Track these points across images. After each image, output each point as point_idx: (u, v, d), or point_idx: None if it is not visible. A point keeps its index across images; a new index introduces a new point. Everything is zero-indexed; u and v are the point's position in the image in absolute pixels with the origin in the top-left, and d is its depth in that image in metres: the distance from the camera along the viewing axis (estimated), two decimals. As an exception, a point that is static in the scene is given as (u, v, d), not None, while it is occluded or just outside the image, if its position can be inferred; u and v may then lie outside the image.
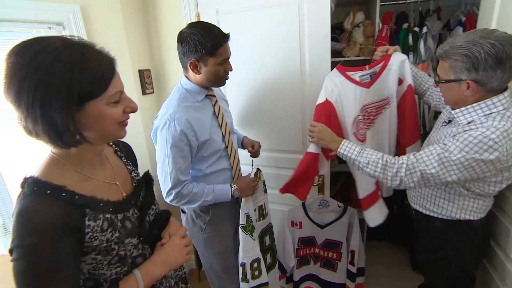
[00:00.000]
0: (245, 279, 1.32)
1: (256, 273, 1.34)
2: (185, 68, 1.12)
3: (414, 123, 1.32)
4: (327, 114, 1.25)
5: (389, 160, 0.98)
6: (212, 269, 1.34)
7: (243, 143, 1.46)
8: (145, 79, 1.67)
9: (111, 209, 0.61)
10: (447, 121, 1.05)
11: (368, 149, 1.04)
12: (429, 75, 1.60)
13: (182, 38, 1.05)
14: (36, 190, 0.53)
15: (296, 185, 1.31)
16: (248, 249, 1.29)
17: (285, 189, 1.31)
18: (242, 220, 1.26)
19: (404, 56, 1.26)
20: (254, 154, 1.42)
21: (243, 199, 1.26)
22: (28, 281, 0.50)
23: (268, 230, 1.48)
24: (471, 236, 1.05)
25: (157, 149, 1.10)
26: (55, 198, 0.54)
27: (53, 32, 1.36)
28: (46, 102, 0.50)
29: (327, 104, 1.25)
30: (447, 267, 1.11)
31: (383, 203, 1.42)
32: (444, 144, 0.90)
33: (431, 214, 1.09)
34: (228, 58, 1.11)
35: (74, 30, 1.37)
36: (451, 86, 0.93)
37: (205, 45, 1.01)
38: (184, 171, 1.10)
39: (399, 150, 1.39)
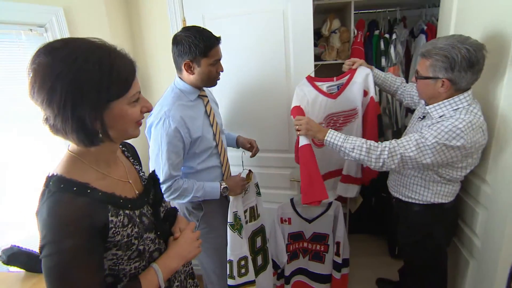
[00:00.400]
0: (231, 276, 1.35)
1: (243, 271, 1.37)
2: (179, 69, 1.17)
3: (374, 132, 1.44)
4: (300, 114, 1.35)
5: (373, 144, 1.09)
6: (209, 266, 1.36)
7: (239, 142, 1.50)
8: (131, 83, 1.66)
9: (129, 206, 0.63)
10: (421, 117, 1.19)
11: (352, 136, 1.14)
12: (399, 76, 1.78)
13: (177, 40, 1.11)
14: (63, 188, 0.55)
15: (311, 188, 1.29)
16: (235, 247, 1.32)
17: (306, 199, 1.28)
18: (230, 218, 1.30)
19: (368, 70, 1.40)
20: (255, 151, 1.47)
21: (231, 198, 1.29)
22: (59, 276, 0.51)
23: (260, 232, 1.50)
24: (444, 217, 1.19)
25: (151, 144, 1.14)
26: (81, 195, 0.55)
27: (34, 34, 1.31)
28: (77, 102, 0.52)
29: (299, 108, 1.35)
30: (424, 247, 1.25)
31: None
32: (421, 132, 1.04)
33: (410, 200, 1.22)
34: (220, 59, 1.18)
35: (58, 32, 1.33)
36: (428, 83, 1.06)
37: (199, 46, 1.08)
38: (176, 166, 1.14)
39: None
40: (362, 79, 1.40)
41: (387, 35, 1.83)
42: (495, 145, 1.05)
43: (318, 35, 2.04)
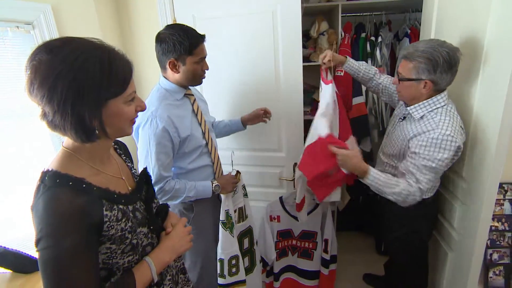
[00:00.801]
0: (222, 275, 1.35)
1: (234, 269, 1.37)
2: (163, 68, 1.16)
3: (347, 123, 1.50)
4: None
5: (404, 190, 1.08)
6: (192, 266, 1.35)
7: (246, 120, 1.50)
8: (120, 82, 1.65)
9: (123, 201, 0.65)
10: (402, 118, 1.24)
11: (386, 177, 1.10)
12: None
13: (161, 38, 1.09)
14: (59, 182, 0.56)
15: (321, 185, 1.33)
16: (226, 245, 1.32)
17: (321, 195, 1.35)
18: (222, 216, 1.30)
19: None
20: (269, 115, 1.49)
21: (223, 196, 1.30)
22: (55, 269, 0.52)
23: (247, 233, 1.50)
24: (425, 211, 1.25)
25: (139, 146, 1.12)
26: (76, 189, 0.56)
27: (21, 31, 1.29)
28: (77, 100, 0.54)
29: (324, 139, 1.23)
30: (407, 241, 1.31)
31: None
32: (418, 155, 1.06)
33: None
34: (205, 58, 1.17)
35: (46, 30, 1.32)
36: (411, 84, 1.10)
37: (184, 44, 1.06)
38: (167, 167, 1.13)
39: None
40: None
41: (373, 38, 1.90)
42: (470, 142, 1.12)
43: (307, 37, 2.09)
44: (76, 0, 1.41)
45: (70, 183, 0.56)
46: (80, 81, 0.53)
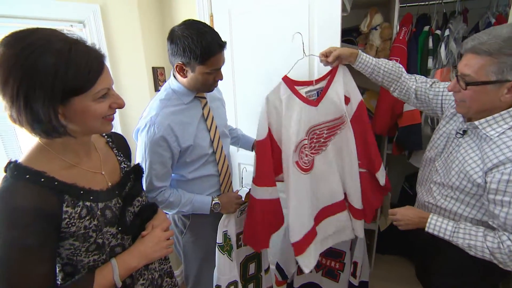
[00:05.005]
0: None
1: None
2: (173, 67, 1.06)
3: (375, 147, 1.18)
4: (269, 150, 1.11)
5: (490, 239, 0.83)
6: (192, 273, 1.29)
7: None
8: (158, 76, 1.73)
9: (91, 197, 0.63)
10: (461, 132, 0.94)
11: (463, 225, 0.88)
12: (450, 81, 1.50)
13: (172, 37, 0.96)
14: (16, 175, 0.56)
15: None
16: (224, 271, 1.20)
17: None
18: (219, 239, 1.17)
19: (343, 67, 1.11)
20: None
21: (224, 215, 1.18)
22: (3, 260, 0.53)
23: (254, 258, 1.37)
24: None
25: (137, 150, 1.05)
26: (33, 183, 0.56)
27: (74, 29, 1.45)
28: (29, 95, 0.53)
29: (267, 140, 1.09)
30: None
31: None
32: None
33: None
34: (220, 68, 1.02)
35: (94, 27, 1.45)
36: (486, 90, 0.79)
37: (195, 52, 0.92)
38: (162, 177, 1.04)
39: (363, 178, 1.22)
40: (342, 80, 1.11)
41: (438, 31, 1.56)
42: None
43: (357, 32, 1.86)
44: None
45: (27, 176, 0.56)
46: (31, 77, 0.52)
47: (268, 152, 1.11)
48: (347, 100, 1.13)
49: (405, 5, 1.64)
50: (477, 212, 0.91)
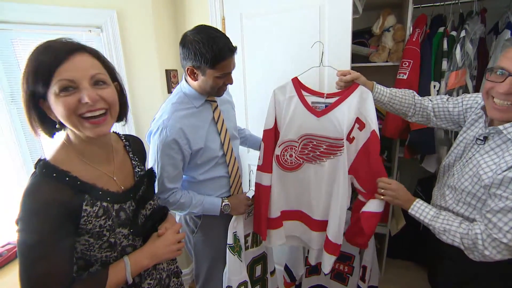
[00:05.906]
0: None
1: None
2: (184, 71, 1.09)
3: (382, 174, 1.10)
4: (274, 139, 1.17)
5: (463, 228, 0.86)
6: (202, 272, 1.31)
7: None
8: (171, 79, 1.77)
9: (108, 198, 0.67)
10: (482, 139, 0.92)
11: (444, 213, 0.92)
12: (465, 83, 1.46)
13: (184, 41, 0.99)
14: (45, 172, 0.61)
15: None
16: (235, 271, 1.22)
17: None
18: (230, 240, 1.19)
19: (366, 91, 1.06)
20: None
21: (233, 217, 1.21)
22: (26, 250, 0.57)
23: (260, 260, 1.38)
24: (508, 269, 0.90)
25: (149, 153, 1.07)
26: (59, 181, 0.60)
27: (93, 34, 1.51)
28: (23, 94, 0.60)
29: (273, 129, 1.16)
30: None
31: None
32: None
33: None
34: (230, 72, 1.05)
35: (111, 32, 1.51)
36: None
37: (205, 56, 0.95)
38: (173, 179, 1.07)
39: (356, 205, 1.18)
40: (357, 102, 1.06)
41: (454, 33, 1.52)
42: None
43: (369, 34, 1.84)
44: (136, 4, 1.56)
45: (54, 174, 0.60)
46: (24, 78, 0.59)
47: (273, 141, 1.18)
48: (362, 124, 1.07)
49: (419, 6, 1.61)
50: None
